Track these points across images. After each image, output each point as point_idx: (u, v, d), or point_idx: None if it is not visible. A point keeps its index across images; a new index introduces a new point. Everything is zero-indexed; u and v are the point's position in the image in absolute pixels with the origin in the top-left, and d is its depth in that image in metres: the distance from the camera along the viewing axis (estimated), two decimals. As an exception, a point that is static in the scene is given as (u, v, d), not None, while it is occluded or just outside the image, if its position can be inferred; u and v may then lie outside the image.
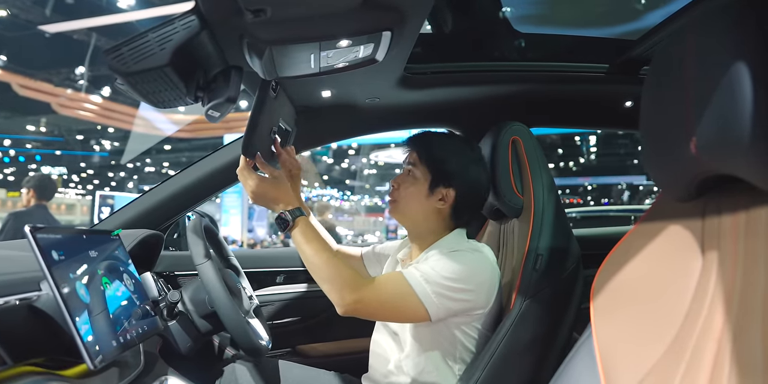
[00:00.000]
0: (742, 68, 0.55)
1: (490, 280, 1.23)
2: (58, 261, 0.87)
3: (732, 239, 0.64)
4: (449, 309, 1.18)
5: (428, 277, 1.17)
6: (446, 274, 1.17)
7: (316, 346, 1.88)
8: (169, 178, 1.69)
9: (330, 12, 0.86)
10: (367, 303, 1.15)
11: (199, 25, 0.87)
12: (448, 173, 1.31)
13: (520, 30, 1.60)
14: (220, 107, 0.97)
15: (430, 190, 1.31)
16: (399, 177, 1.37)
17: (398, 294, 1.17)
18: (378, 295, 1.17)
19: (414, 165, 1.33)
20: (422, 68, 1.46)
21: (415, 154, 1.34)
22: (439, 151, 1.33)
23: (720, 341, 0.61)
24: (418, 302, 1.15)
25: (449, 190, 1.31)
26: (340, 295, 1.15)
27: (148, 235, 1.43)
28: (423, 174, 1.32)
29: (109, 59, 0.86)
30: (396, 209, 1.35)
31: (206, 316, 1.31)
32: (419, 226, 1.36)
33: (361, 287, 1.16)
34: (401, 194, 1.34)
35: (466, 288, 1.18)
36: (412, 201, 1.33)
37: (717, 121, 0.59)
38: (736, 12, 0.58)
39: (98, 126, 19.90)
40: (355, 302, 1.14)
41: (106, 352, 0.89)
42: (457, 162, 1.32)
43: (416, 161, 1.33)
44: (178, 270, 1.77)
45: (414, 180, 1.33)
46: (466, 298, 1.19)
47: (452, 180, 1.31)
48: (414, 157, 1.34)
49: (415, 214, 1.34)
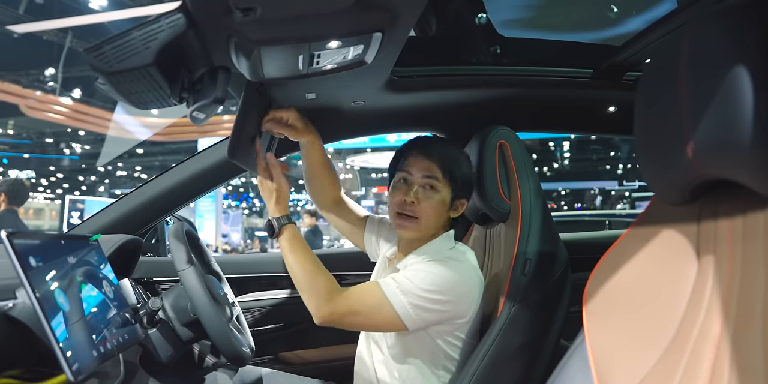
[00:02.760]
0: (743, 73, 0.55)
1: (471, 289, 1.22)
2: (36, 267, 0.84)
3: (729, 243, 0.64)
4: (426, 320, 1.17)
5: (404, 289, 1.16)
6: (423, 286, 1.16)
7: (299, 353, 1.85)
8: (148, 181, 1.65)
9: (321, 12, 0.84)
10: (342, 314, 1.17)
11: (185, 23, 0.84)
12: (464, 185, 1.31)
13: (505, 35, 1.60)
14: (205, 109, 0.95)
15: (451, 202, 1.29)
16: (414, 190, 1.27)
17: (373, 305, 1.17)
18: (353, 307, 1.17)
19: (437, 179, 1.26)
20: (409, 71, 1.45)
21: (437, 167, 1.27)
22: (458, 165, 1.29)
23: (718, 346, 0.61)
24: (394, 314, 1.15)
25: (463, 201, 1.32)
26: (316, 306, 1.17)
27: (126, 240, 1.39)
28: (444, 187, 1.27)
29: (91, 58, 0.83)
30: (416, 226, 1.27)
31: (188, 323, 1.28)
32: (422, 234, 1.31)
33: (337, 299, 1.17)
34: (424, 210, 1.26)
35: (444, 299, 1.17)
36: (434, 216, 1.28)
37: (716, 125, 0.59)
38: (736, 15, 0.58)
39: (68, 129, 19.51)
40: (330, 314, 1.16)
41: (85, 362, 0.86)
42: (469, 174, 1.32)
43: (439, 176, 1.27)
44: (156, 276, 1.74)
45: (436, 194, 1.27)
46: (444, 309, 1.18)
47: (466, 192, 1.32)
48: (436, 171, 1.27)
49: (431, 228, 1.30)
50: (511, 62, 1.64)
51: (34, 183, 23.11)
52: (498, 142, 1.35)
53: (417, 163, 1.28)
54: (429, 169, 1.27)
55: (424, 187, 1.27)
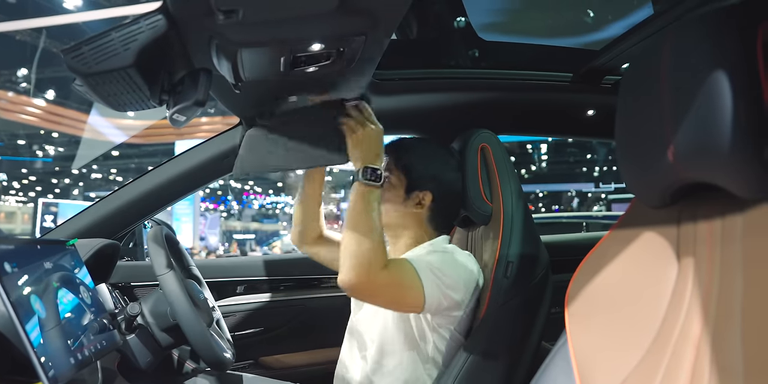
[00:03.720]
0: (722, 77, 0.56)
1: (473, 282, 1.25)
2: (11, 273, 0.82)
3: (708, 245, 0.66)
4: (440, 303, 1.18)
5: (432, 268, 1.17)
6: (443, 269, 1.18)
7: (280, 357, 1.84)
8: (125, 184, 1.63)
9: (304, 15, 0.84)
10: (380, 286, 1.13)
11: (165, 24, 0.83)
12: (423, 176, 1.32)
13: (486, 38, 1.62)
14: (186, 111, 0.93)
15: (406, 194, 1.32)
16: None
17: (408, 282, 1.15)
18: (394, 280, 1.14)
19: (389, 171, 1.33)
20: (390, 74, 1.46)
21: (390, 160, 1.34)
22: (414, 155, 1.34)
23: (699, 346, 0.62)
24: (420, 291, 1.14)
25: (426, 194, 1.32)
26: (357, 271, 1.10)
27: (104, 244, 1.37)
28: (398, 179, 1.33)
29: (69, 58, 0.81)
30: None
31: (167, 329, 1.26)
32: (399, 232, 1.36)
33: (386, 269, 1.12)
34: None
35: (456, 286, 1.20)
36: (389, 207, 1.31)
37: (696, 130, 0.60)
38: (716, 21, 0.59)
39: (42, 131, 19.13)
40: (368, 282, 1.11)
41: (62, 370, 0.84)
42: (432, 165, 1.34)
43: (391, 167, 1.33)
44: (134, 281, 1.71)
45: (390, 186, 1.32)
46: (454, 296, 1.19)
47: (428, 183, 1.32)
48: (389, 164, 1.34)
49: (393, 220, 1.33)
50: (491, 66, 1.65)
51: (6, 186, 22.63)
52: (480, 145, 1.36)
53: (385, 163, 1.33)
54: (387, 164, 1.33)
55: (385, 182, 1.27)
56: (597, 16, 2.40)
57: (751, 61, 0.56)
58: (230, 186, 26.94)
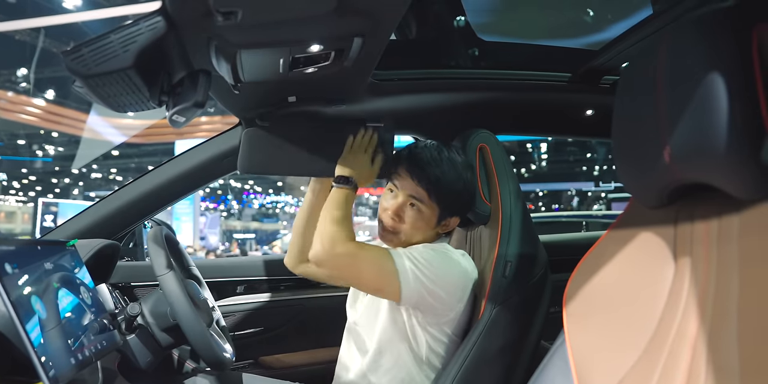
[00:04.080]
0: (717, 79, 0.57)
1: (465, 285, 1.24)
2: (12, 274, 0.82)
3: (704, 246, 0.66)
4: (421, 297, 1.18)
5: (412, 258, 1.18)
6: (430, 265, 1.19)
7: (280, 357, 1.84)
8: (125, 185, 1.63)
9: (302, 16, 0.84)
10: (342, 254, 1.17)
11: (165, 26, 0.83)
12: (455, 205, 1.31)
13: (485, 38, 1.62)
14: (185, 112, 0.94)
15: (438, 222, 1.30)
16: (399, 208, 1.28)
17: (377, 259, 1.18)
18: (357, 252, 1.18)
19: (420, 201, 1.27)
20: (389, 75, 1.46)
21: (422, 189, 1.26)
22: (445, 185, 1.26)
23: (695, 346, 0.63)
24: (395, 274, 1.16)
25: (454, 219, 1.33)
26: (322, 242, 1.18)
27: (104, 245, 1.37)
28: (430, 208, 1.28)
29: (68, 60, 0.82)
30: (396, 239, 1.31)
31: (167, 329, 1.26)
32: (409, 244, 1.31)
33: (348, 241, 1.18)
34: (405, 229, 1.29)
35: (443, 284, 1.19)
36: (416, 232, 1.30)
37: (691, 131, 0.60)
38: (712, 23, 0.59)
39: (42, 130, 19.13)
40: (331, 250, 1.17)
41: (62, 370, 0.85)
42: (464, 194, 1.30)
43: (423, 197, 1.26)
44: (134, 281, 1.71)
45: (419, 215, 1.28)
46: (440, 293, 1.19)
47: (458, 210, 1.33)
48: (420, 192, 1.26)
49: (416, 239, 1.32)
50: (490, 66, 1.65)
51: (6, 185, 22.63)
52: (478, 145, 1.36)
53: (405, 179, 1.28)
54: (415, 190, 1.27)
55: (410, 205, 1.28)
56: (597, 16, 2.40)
57: (747, 63, 0.56)
58: (230, 185, 26.93)
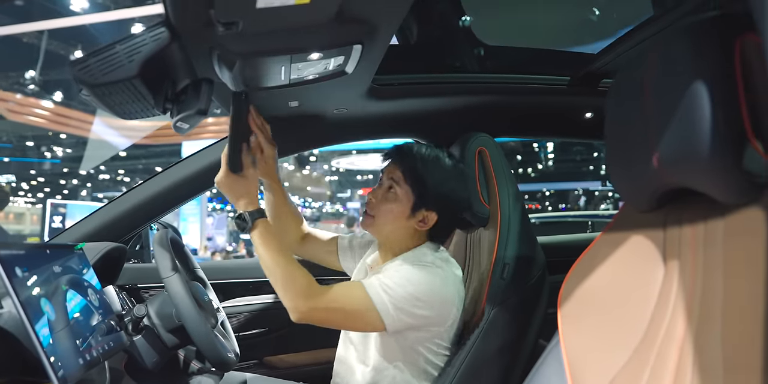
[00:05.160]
0: (702, 88, 0.58)
1: (451, 297, 1.22)
2: (22, 277, 0.85)
3: (692, 249, 0.67)
4: (406, 323, 1.17)
5: (387, 289, 1.16)
6: (407, 288, 1.16)
7: (284, 357, 1.86)
8: (132, 188, 1.66)
9: (302, 26, 0.86)
10: (322, 310, 1.15)
11: (168, 36, 0.86)
12: (433, 197, 1.26)
13: (485, 42, 1.63)
14: (189, 119, 0.97)
15: (411, 211, 1.27)
16: (378, 191, 1.31)
17: (355, 303, 1.16)
18: (333, 304, 1.16)
19: (397, 183, 1.28)
20: (390, 79, 1.48)
21: (399, 171, 1.28)
22: (426, 171, 1.26)
23: (682, 347, 0.64)
24: (375, 313, 1.14)
25: (431, 213, 1.27)
26: (293, 303, 1.15)
27: (111, 248, 1.40)
28: (405, 194, 1.27)
29: (76, 71, 0.85)
30: (372, 224, 1.30)
31: (173, 329, 1.29)
32: (392, 242, 1.33)
33: (316, 295, 1.15)
34: (380, 210, 1.29)
35: (425, 304, 1.17)
36: (390, 220, 1.28)
37: (678, 137, 0.61)
38: (699, 31, 0.61)
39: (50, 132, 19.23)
40: (309, 309, 1.14)
41: (71, 370, 0.87)
42: (445, 185, 1.27)
43: (400, 179, 1.28)
44: (141, 283, 1.74)
45: (395, 198, 1.28)
46: (425, 313, 1.17)
47: (436, 203, 1.27)
48: (398, 174, 1.28)
49: (390, 232, 1.30)
50: (489, 70, 1.67)
51: (15, 187, 22.75)
52: (477, 148, 1.38)
53: (388, 166, 1.33)
54: (392, 172, 1.30)
55: (387, 189, 1.30)
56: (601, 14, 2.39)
57: (730, 72, 0.57)
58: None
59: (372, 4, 0.86)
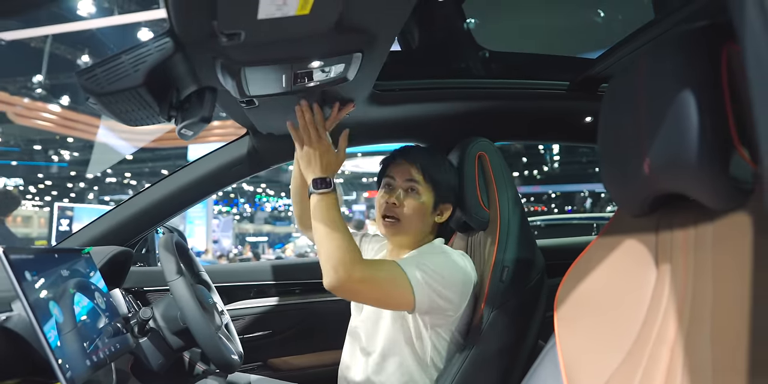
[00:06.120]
0: (689, 96, 0.60)
1: (470, 283, 1.28)
2: (30, 280, 0.87)
3: (683, 253, 0.69)
4: (433, 301, 1.19)
5: (420, 266, 1.20)
6: (437, 269, 1.20)
7: (288, 359, 1.88)
8: (138, 192, 1.68)
9: (302, 36, 0.88)
10: (358, 280, 1.15)
11: (173, 46, 0.88)
12: (448, 189, 1.36)
13: (486, 47, 1.65)
14: (193, 127, 0.99)
15: (433, 206, 1.35)
16: (395, 193, 1.34)
17: (391, 277, 1.18)
18: (371, 274, 1.17)
19: (417, 182, 1.34)
20: (391, 85, 1.50)
21: (418, 171, 1.34)
22: (439, 168, 1.36)
23: (673, 349, 0.66)
24: (408, 287, 1.17)
25: (447, 206, 1.38)
26: (334, 269, 1.13)
27: (117, 252, 1.42)
28: (426, 191, 1.34)
29: (83, 80, 0.87)
30: (400, 228, 1.34)
31: (178, 332, 1.31)
32: (410, 238, 1.37)
33: (357, 266, 1.15)
34: (405, 213, 1.33)
35: (452, 286, 1.22)
36: (417, 219, 1.34)
37: (668, 144, 0.63)
38: (688, 41, 0.62)
39: (57, 136, 19.34)
40: (347, 279, 1.13)
41: (78, 371, 0.89)
42: (453, 179, 1.38)
43: (420, 179, 1.34)
44: (147, 286, 1.76)
45: (418, 197, 1.34)
46: (450, 296, 1.22)
47: (450, 196, 1.37)
48: (416, 175, 1.34)
49: (416, 229, 1.36)
50: (490, 75, 1.68)
51: (23, 190, 22.87)
52: (477, 153, 1.39)
53: (399, 168, 1.36)
54: (410, 173, 1.34)
55: (407, 191, 1.34)
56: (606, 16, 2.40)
57: (717, 81, 0.59)
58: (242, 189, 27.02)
59: (371, 13, 0.87)
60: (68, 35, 14.43)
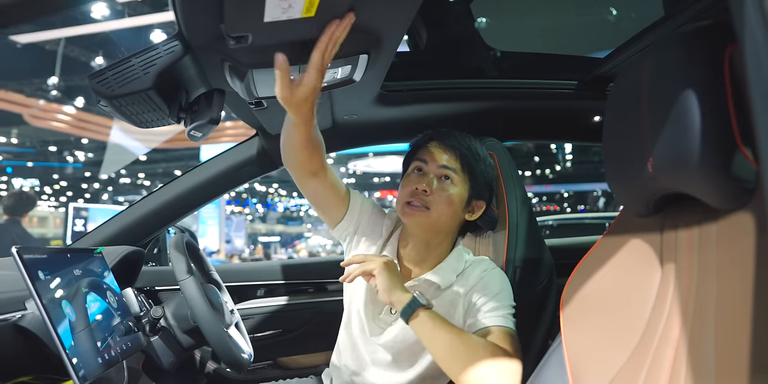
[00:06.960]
0: (692, 96, 0.60)
1: None
2: (44, 280, 0.89)
3: (687, 252, 0.69)
4: None
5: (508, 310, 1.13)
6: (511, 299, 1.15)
7: (297, 358, 1.89)
8: (151, 193, 1.70)
9: (309, 38, 0.89)
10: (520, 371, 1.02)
11: (182, 50, 0.90)
12: (484, 184, 1.22)
13: (494, 47, 1.65)
14: (202, 128, 1.00)
15: (467, 202, 1.19)
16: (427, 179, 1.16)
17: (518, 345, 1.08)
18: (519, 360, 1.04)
19: (454, 171, 1.17)
20: (398, 86, 1.50)
21: (456, 158, 1.18)
22: (480, 159, 1.21)
23: (677, 348, 0.66)
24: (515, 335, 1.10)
25: (480, 202, 1.22)
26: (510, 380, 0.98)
27: (129, 251, 1.44)
28: (462, 182, 1.18)
29: (94, 83, 0.89)
30: (428, 217, 1.15)
31: (189, 331, 1.33)
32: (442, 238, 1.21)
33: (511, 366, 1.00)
34: (436, 201, 1.15)
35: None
36: (447, 212, 1.16)
37: (671, 144, 0.63)
38: (691, 41, 0.62)
39: (72, 137, 19.55)
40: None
41: (91, 369, 0.91)
42: (491, 174, 1.24)
43: (457, 168, 1.18)
44: (158, 285, 1.78)
45: (452, 187, 1.17)
46: None
47: (485, 193, 1.23)
48: (454, 163, 1.18)
49: (443, 226, 1.18)
50: (499, 75, 1.69)
51: (39, 191, 23.13)
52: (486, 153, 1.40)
53: (435, 153, 1.19)
54: (447, 160, 1.18)
55: (440, 178, 1.17)
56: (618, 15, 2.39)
57: (720, 81, 0.59)
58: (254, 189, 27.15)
59: (375, 15, 0.88)
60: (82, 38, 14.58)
